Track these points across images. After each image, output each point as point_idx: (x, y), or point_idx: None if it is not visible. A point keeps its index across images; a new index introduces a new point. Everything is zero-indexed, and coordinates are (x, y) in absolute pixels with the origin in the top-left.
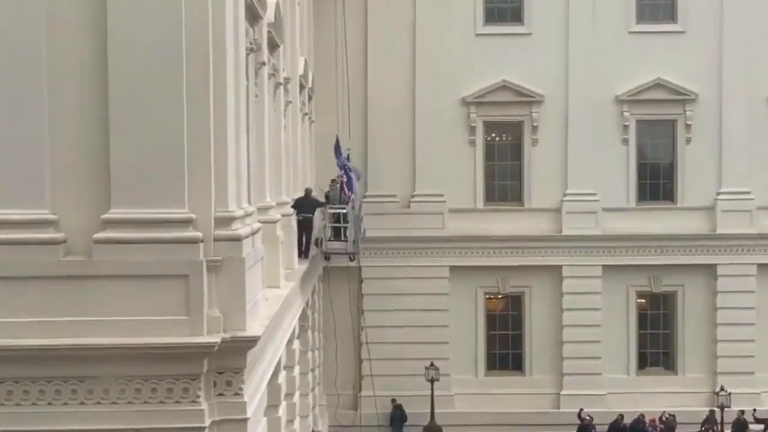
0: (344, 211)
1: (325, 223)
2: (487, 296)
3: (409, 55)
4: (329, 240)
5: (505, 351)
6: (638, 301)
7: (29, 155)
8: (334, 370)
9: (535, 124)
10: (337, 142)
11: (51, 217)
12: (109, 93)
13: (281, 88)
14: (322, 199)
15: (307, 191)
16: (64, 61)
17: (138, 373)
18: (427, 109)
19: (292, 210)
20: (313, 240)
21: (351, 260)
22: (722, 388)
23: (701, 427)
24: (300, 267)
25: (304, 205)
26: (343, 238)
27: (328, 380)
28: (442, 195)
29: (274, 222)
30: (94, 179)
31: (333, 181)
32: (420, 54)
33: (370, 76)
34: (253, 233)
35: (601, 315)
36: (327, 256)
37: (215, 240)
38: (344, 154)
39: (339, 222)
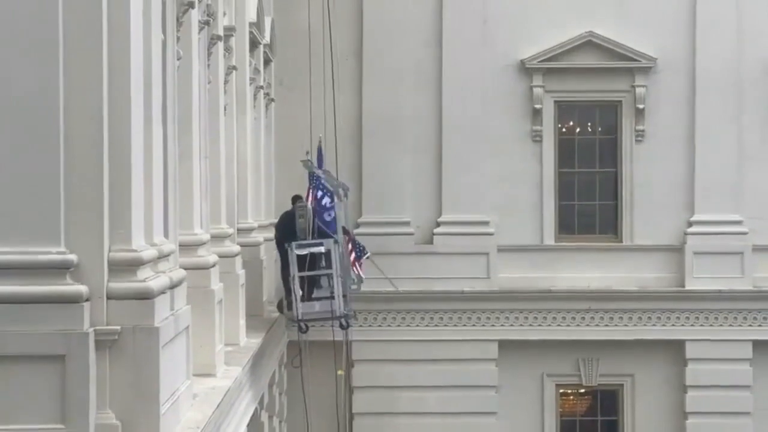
0: (322, 248)
1: (294, 272)
2: (562, 391)
3: None
4: (303, 299)
5: None
6: None
7: None
8: None
9: (640, 105)
10: (320, 148)
11: None
12: None
13: (219, 44)
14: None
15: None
16: None
17: None
18: (462, 78)
19: (237, 247)
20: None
21: (343, 327)
22: None
23: None
24: (250, 341)
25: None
26: (329, 294)
27: None
28: (487, 222)
29: (208, 268)
30: None
31: (298, 199)
32: None
33: (367, 22)
34: (173, 286)
35: (751, 422)
36: (302, 327)
37: (110, 297)
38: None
39: (314, 266)
